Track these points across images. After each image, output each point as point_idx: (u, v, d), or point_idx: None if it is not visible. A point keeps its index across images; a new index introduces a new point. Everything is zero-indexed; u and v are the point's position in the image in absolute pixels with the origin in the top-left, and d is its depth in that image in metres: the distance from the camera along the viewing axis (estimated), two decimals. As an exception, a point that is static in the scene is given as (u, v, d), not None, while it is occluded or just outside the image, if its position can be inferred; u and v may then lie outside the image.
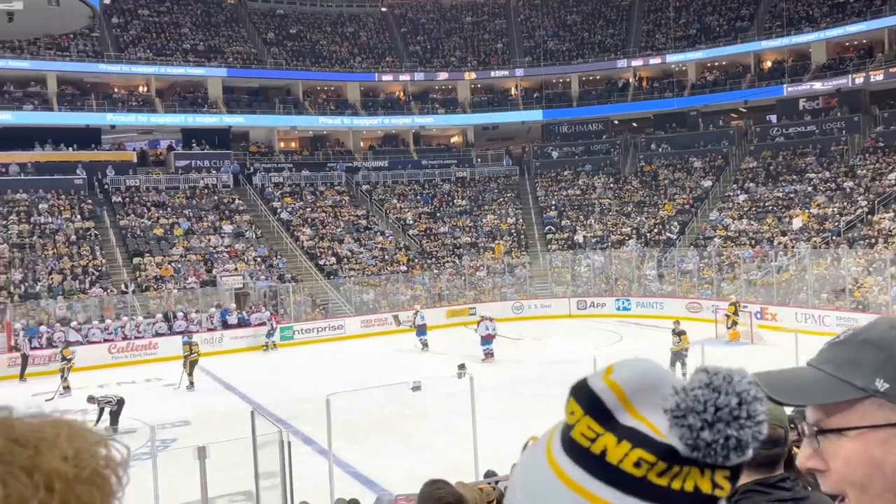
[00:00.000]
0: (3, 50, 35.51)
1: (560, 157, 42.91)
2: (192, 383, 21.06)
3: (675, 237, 34.67)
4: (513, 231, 37.43)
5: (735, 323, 24.09)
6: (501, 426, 12.29)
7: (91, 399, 16.76)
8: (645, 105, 43.18)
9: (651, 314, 28.83)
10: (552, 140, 44.14)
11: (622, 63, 44.22)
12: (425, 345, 25.09)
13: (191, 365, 21.30)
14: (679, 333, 19.06)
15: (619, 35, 46.28)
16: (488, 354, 23.34)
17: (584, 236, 36.13)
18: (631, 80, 44.29)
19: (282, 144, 42.98)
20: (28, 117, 35.52)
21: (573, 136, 44.07)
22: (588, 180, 40.58)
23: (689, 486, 0.70)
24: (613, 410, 0.73)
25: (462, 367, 14.83)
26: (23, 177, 33.80)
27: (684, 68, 43.26)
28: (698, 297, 29.76)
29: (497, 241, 36.37)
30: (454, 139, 47.46)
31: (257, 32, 44.80)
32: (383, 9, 49.29)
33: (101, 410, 16.41)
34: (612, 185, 39.98)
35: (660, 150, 41.53)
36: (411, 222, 37.59)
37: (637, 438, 0.71)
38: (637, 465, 0.70)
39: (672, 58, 42.98)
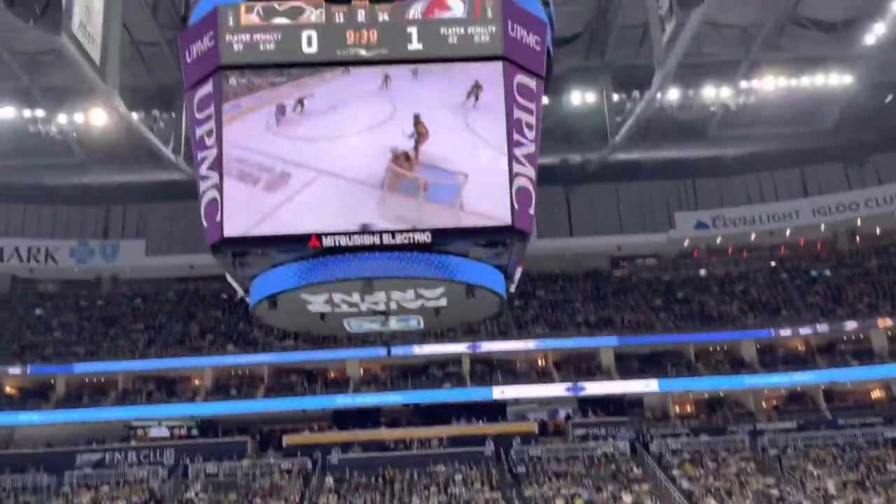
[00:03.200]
0: (428, 338, 41.40)
1: None
2: None
3: None
4: (974, 505, 30.27)
5: None
6: None
7: None
8: None
9: None
10: None
11: None
12: None
13: None
14: None
15: None
16: None
17: None
18: None
19: (677, 409, 41.85)
20: (445, 395, 40.01)
21: None
22: None
23: None
24: None
25: None
26: (441, 450, 37.32)
27: None
28: None
29: (954, 518, 29.58)
30: (875, 394, 41.70)
31: (644, 300, 46.18)
32: (773, 263, 47.88)
33: None
34: None
35: None
36: (835, 493, 32.60)
37: None
38: None
39: None
